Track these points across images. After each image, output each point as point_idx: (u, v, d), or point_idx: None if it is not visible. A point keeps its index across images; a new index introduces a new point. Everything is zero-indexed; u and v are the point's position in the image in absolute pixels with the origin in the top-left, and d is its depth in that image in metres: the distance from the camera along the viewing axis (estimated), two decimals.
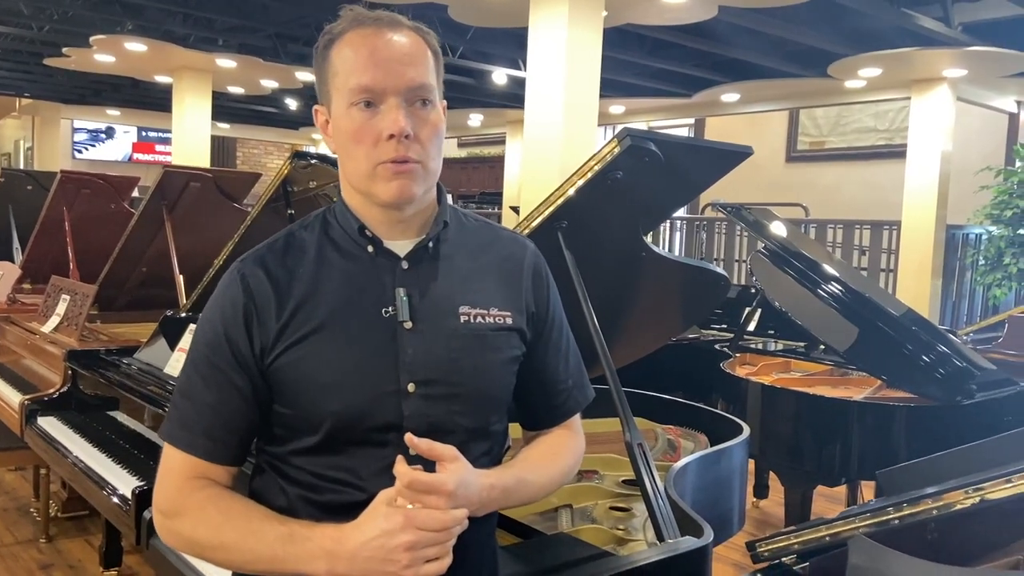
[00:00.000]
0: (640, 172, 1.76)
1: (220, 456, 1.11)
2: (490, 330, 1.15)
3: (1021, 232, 7.22)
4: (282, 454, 1.13)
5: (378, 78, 1.07)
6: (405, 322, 1.11)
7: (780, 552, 1.22)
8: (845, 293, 3.30)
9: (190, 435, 1.11)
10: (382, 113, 1.08)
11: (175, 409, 1.13)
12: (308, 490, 1.11)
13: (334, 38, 1.11)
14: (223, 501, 1.09)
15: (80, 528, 3.68)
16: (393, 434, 1.09)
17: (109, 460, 2.69)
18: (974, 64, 7.41)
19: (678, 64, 8.53)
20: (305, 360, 1.09)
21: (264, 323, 1.10)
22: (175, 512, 1.10)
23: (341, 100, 1.10)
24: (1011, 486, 1.07)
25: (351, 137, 1.10)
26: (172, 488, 1.11)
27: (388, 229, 1.15)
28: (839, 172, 11.40)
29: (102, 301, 3.85)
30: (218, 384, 1.10)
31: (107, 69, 9.83)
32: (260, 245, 1.17)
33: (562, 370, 1.27)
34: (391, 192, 1.09)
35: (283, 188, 2.89)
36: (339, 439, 1.09)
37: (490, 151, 15.69)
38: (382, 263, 1.14)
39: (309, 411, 1.09)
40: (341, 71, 1.09)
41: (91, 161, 15.59)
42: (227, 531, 1.06)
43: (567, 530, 1.72)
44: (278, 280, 1.11)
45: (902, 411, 2.91)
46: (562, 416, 1.28)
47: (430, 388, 1.10)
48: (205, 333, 1.13)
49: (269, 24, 8.07)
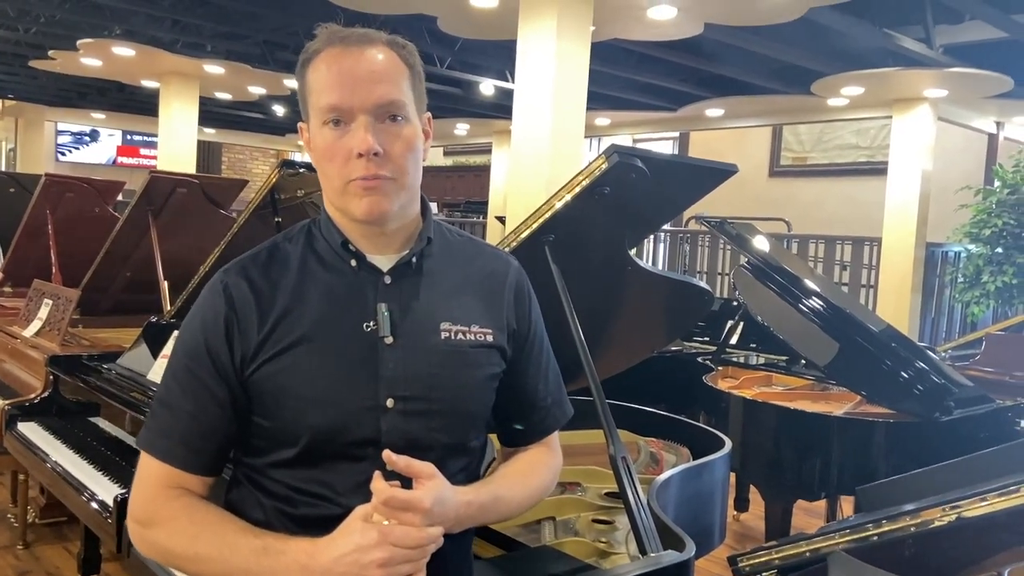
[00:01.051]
0: (627, 188, 1.78)
1: (196, 466, 1.11)
2: (471, 347, 1.16)
3: (999, 251, 7.31)
4: (259, 466, 1.13)
5: (345, 96, 1.08)
6: (386, 337, 1.11)
7: (761, 567, 1.24)
8: (826, 308, 3.33)
9: (167, 443, 1.11)
10: (351, 131, 1.09)
11: (153, 417, 1.13)
12: (284, 503, 1.11)
13: (310, 57, 1.13)
14: (198, 512, 1.09)
15: (58, 535, 3.65)
16: (371, 449, 1.09)
17: (90, 466, 2.67)
18: (955, 85, 7.52)
19: (664, 79, 8.60)
20: (285, 372, 1.09)
21: (245, 334, 1.10)
22: (149, 521, 1.10)
23: (316, 119, 1.12)
24: (987, 504, 1.09)
25: (323, 155, 1.11)
26: (147, 497, 1.11)
27: (371, 244, 1.15)
28: (821, 188, 11.52)
29: (85, 306, 3.82)
30: (196, 394, 1.11)
31: (93, 73, 9.77)
32: (244, 255, 1.17)
33: (541, 388, 1.27)
34: (363, 209, 1.10)
35: (271, 196, 2.89)
36: (317, 453, 1.09)
37: (476, 160, 15.72)
38: (365, 277, 1.14)
39: (287, 424, 1.09)
40: (314, 90, 1.11)
41: (74, 164, 15.49)
42: (201, 542, 1.06)
43: (550, 542, 1.73)
44: (260, 291, 1.12)
45: (881, 427, 2.94)
46: (541, 433, 1.29)
47: (409, 404, 1.11)
48: (185, 342, 1.13)
49: (257, 31, 8.06)
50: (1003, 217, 7.22)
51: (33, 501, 3.65)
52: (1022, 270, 7.10)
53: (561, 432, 2.15)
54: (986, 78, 7.17)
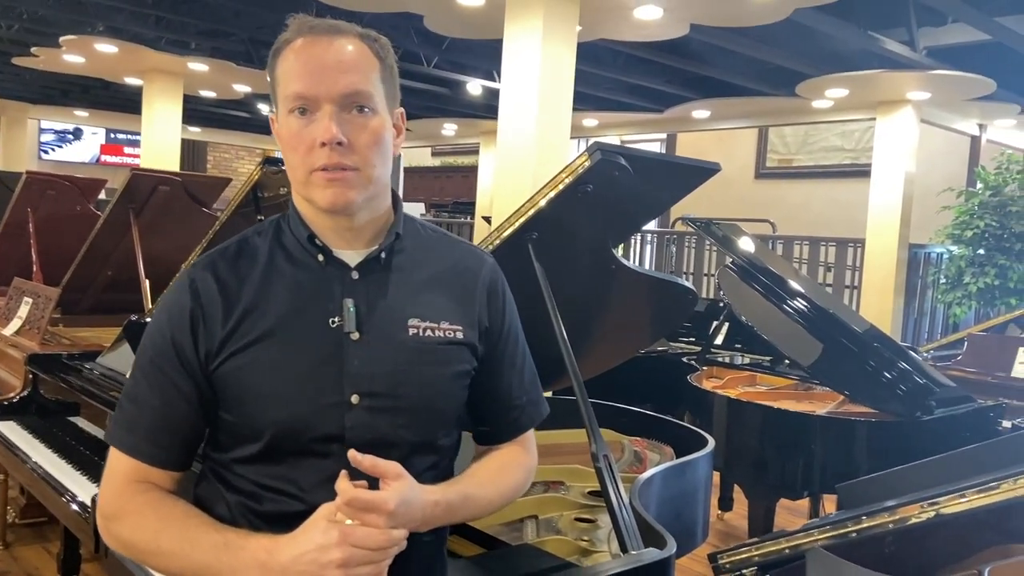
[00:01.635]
0: (610, 186, 1.78)
1: (163, 460, 1.11)
2: (439, 344, 1.15)
3: (981, 252, 7.37)
4: (225, 461, 1.13)
5: (311, 85, 1.08)
6: (352, 333, 1.10)
7: (741, 564, 1.24)
8: (810, 309, 3.35)
9: (134, 438, 1.10)
10: (316, 120, 1.08)
11: (121, 412, 1.13)
12: (249, 499, 1.11)
13: (280, 47, 1.12)
14: (163, 506, 1.08)
15: (38, 535, 3.61)
16: (335, 445, 1.08)
17: (69, 466, 2.65)
18: (938, 87, 7.58)
19: (650, 80, 8.62)
20: (249, 367, 1.08)
21: (210, 328, 1.09)
22: (115, 515, 1.10)
23: (282, 107, 1.11)
24: (965, 501, 1.09)
25: (287, 144, 1.11)
26: (114, 491, 1.11)
27: (339, 238, 1.15)
28: (806, 189, 11.58)
29: (65, 304, 3.79)
30: (163, 388, 1.10)
31: (76, 70, 9.69)
32: (213, 250, 1.17)
33: (516, 386, 1.26)
34: (326, 199, 1.09)
35: (253, 194, 2.88)
36: (281, 449, 1.09)
37: (464, 160, 15.71)
38: (332, 272, 1.14)
39: (251, 419, 1.09)
40: (281, 79, 1.11)
41: (58, 162, 15.35)
42: (164, 537, 1.05)
43: (532, 541, 1.73)
44: (227, 285, 1.11)
45: (863, 426, 2.96)
46: (515, 432, 1.28)
47: (374, 400, 1.10)
48: (152, 337, 1.13)
49: (242, 29, 8.02)
50: (985, 219, 7.28)
51: (13, 501, 3.61)
52: (1004, 271, 7.16)
53: (545, 431, 2.14)
54: (969, 80, 7.22)
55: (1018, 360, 3.89)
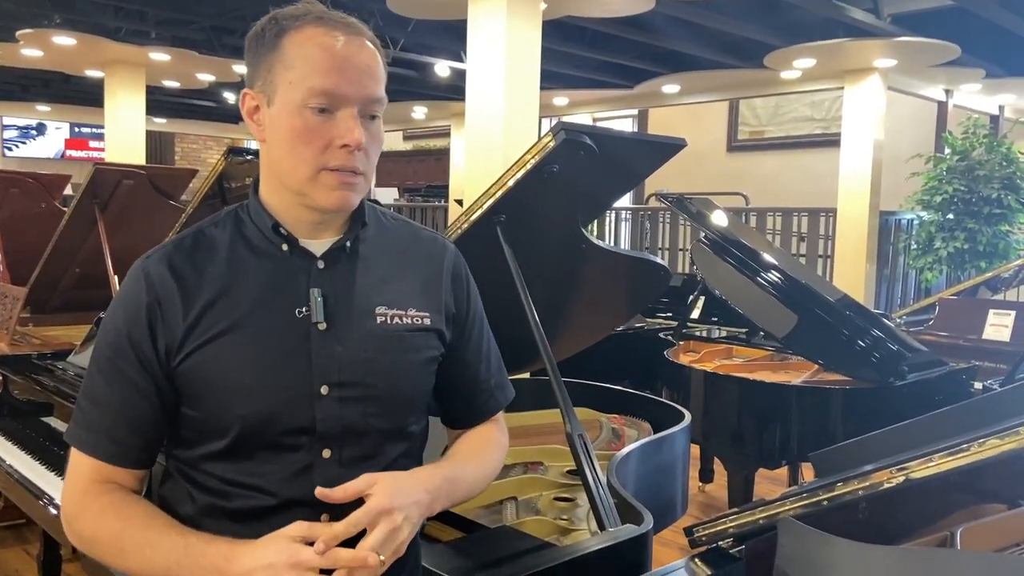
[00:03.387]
0: (576, 165, 1.77)
1: (124, 459, 1.09)
2: (407, 331, 1.14)
3: (951, 217, 7.45)
4: (190, 459, 1.11)
5: (342, 85, 1.05)
6: (319, 323, 1.09)
7: (717, 536, 1.25)
8: (783, 281, 3.37)
9: (94, 437, 1.09)
10: (337, 120, 1.06)
11: (79, 411, 1.11)
12: (218, 497, 1.09)
13: (289, 27, 1.07)
14: (125, 507, 1.07)
15: (17, 537, 3.58)
16: (305, 438, 1.07)
17: (44, 468, 2.61)
18: (903, 54, 7.62)
19: (618, 56, 8.60)
20: (214, 361, 1.06)
21: (169, 323, 1.07)
22: (77, 515, 1.08)
23: (292, 96, 1.06)
24: (933, 465, 1.10)
25: (299, 137, 1.06)
26: (77, 491, 1.09)
27: (305, 228, 1.13)
28: (778, 161, 11.64)
29: (34, 303, 3.73)
30: (121, 386, 1.08)
31: (35, 64, 9.51)
32: (166, 242, 1.14)
33: (483, 370, 1.27)
34: (332, 201, 1.08)
35: (219, 184, 2.84)
36: (248, 443, 1.07)
37: (435, 144, 15.61)
38: (297, 262, 1.12)
39: (217, 414, 1.07)
40: (299, 67, 1.06)
41: (22, 159, 15.08)
42: (125, 538, 1.04)
43: (511, 522, 1.73)
44: (185, 278, 1.08)
45: (838, 394, 2.99)
46: (484, 415, 1.29)
47: (344, 390, 1.09)
48: (107, 333, 1.11)
49: (203, 16, 7.89)
50: (954, 184, 7.35)
51: None
52: (973, 235, 7.24)
53: (523, 412, 2.15)
54: (934, 46, 7.27)
55: (989, 322, 3.95)
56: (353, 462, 1.09)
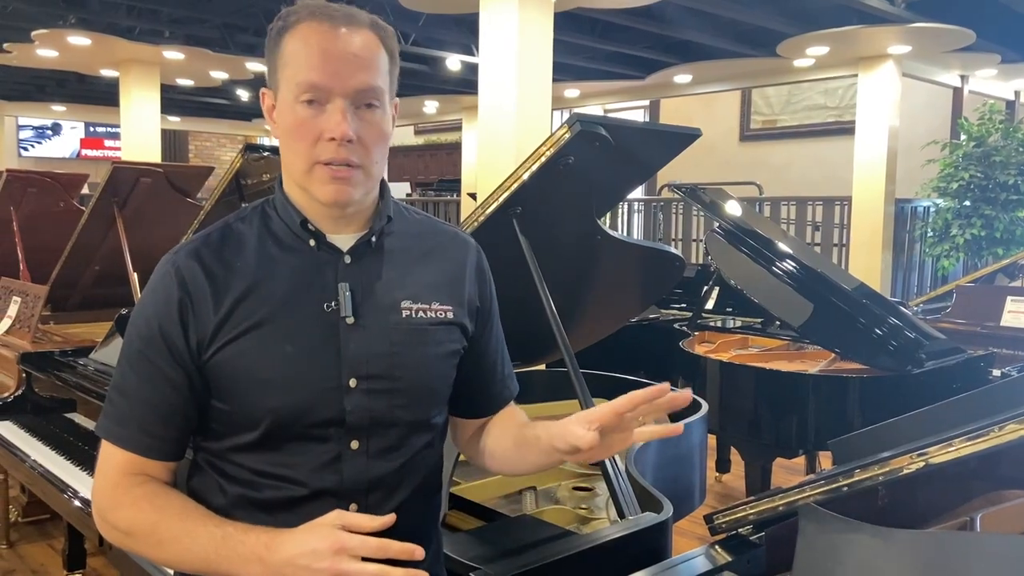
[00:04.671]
0: (591, 157, 1.78)
1: (157, 451, 1.10)
2: (431, 324, 1.16)
3: (967, 204, 7.39)
4: (220, 450, 1.12)
5: (325, 78, 1.06)
6: (347, 317, 1.11)
7: (736, 523, 1.26)
8: (798, 269, 3.36)
9: (126, 431, 1.10)
10: (327, 113, 1.07)
11: (110, 405, 1.12)
12: (247, 488, 1.10)
13: (288, 25, 1.09)
14: (159, 498, 1.08)
15: (42, 532, 3.63)
16: (333, 429, 1.09)
17: (68, 463, 2.66)
18: (918, 40, 7.55)
19: (630, 47, 8.56)
20: (244, 355, 1.08)
21: (200, 317, 1.08)
22: (112, 508, 1.09)
23: (287, 92, 1.08)
24: (954, 449, 1.11)
25: (291, 132, 1.09)
26: (109, 484, 1.10)
27: (331, 223, 1.14)
28: (791, 150, 11.57)
29: (55, 301, 3.78)
30: (153, 379, 1.09)
31: (50, 64, 9.57)
32: (194, 237, 1.15)
33: (499, 361, 1.30)
34: (327, 194, 1.09)
35: (236, 181, 2.87)
36: (279, 435, 1.08)
37: (447, 138, 15.62)
38: (324, 257, 1.13)
39: (248, 407, 1.08)
40: (291, 63, 1.08)
41: (38, 159, 15.19)
42: (162, 529, 1.05)
43: (531, 512, 1.75)
44: (214, 274, 1.10)
45: (856, 383, 2.99)
46: (501, 404, 1.31)
47: (371, 383, 1.11)
48: (139, 328, 1.11)
49: (216, 14, 7.92)
50: (970, 170, 7.29)
51: (15, 500, 3.62)
52: (990, 222, 7.18)
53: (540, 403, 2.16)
54: (949, 32, 7.20)
55: (1007, 309, 3.92)
56: (380, 453, 1.12)
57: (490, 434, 1.29)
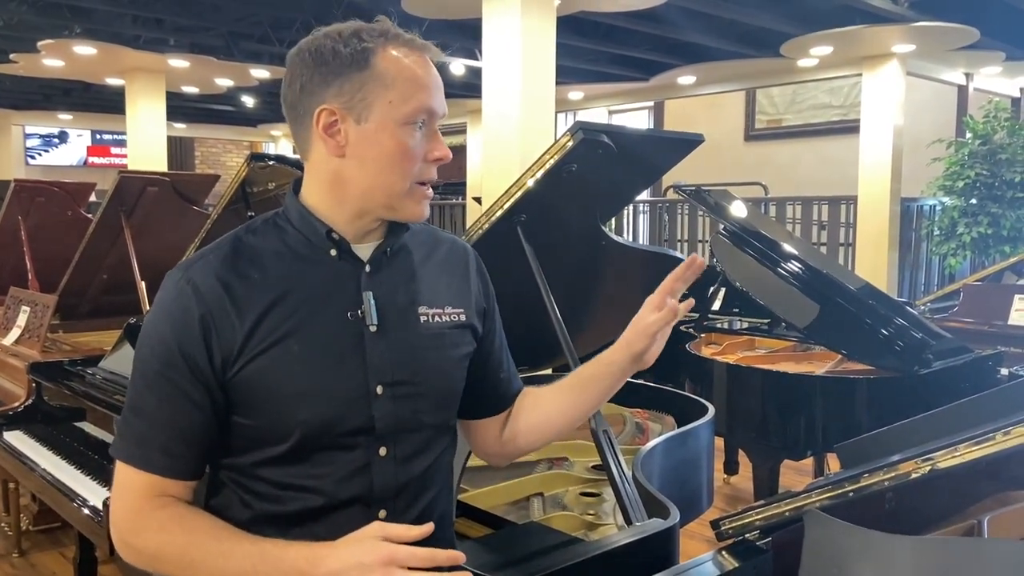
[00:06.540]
0: (594, 163, 1.78)
1: (179, 471, 1.08)
2: (447, 328, 1.19)
3: (973, 202, 7.36)
4: (242, 466, 1.11)
5: (438, 104, 1.13)
6: (372, 325, 1.12)
7: (743, 529, 1.26)
8: (804, 271, 3.36)
9: (146, 452, 1.07)
10: (430, 137, 1.13)
11: (127, 426, 1.10)
12: (271, 502, 1.10)
13: (374, 48, 1.08)
14: (187, 520, 1.06)
15: (53, 541, 3.64)
16: (363, 437, 1.10)
17: (78, 472, 2.67)
18: (922, 39, 7.54)
19: (633, 49, 8.56)
20: (272, 369, 1.07)
21: (224, 334, 1.06)
22: (135, 532, 1.07)
23: (391, 114, 1.08)
24: (959, 455, 1.11)
25: (402, 154, 1.10)
26: (131, 507, 1.08)
27: (357, 235, 1.15)
28: (796, 149, 11.54)
29: (64, 310, 3.79)
30: (173, 399, 1.07)
31: (57, 73, 9.62)
32: (203, 251, 1.14)
33: (505, 359, 1.33)
34: (420, 212, 1.14)
35: (242, 190, 2.88)
36: (308, 447, 1.08)
37: (452, 141, 15.62)
38: (345, 267, 1.14)
39: (276, 421, 1.07)
40: (399, 87, 1.08)
41: (45, 167, 15.24)
42: (194, 551, 1.03)
43: (539, 518, 1.75)
44: (233, 288, 1.08)
45: (863, 384, 2.98)
46: (509, 401, 1.33)
47: (396, 389, 1.12)
48: (154, 346, 1.08)
49: (220, 22, 7.95)
50: (976, 168, 7.26)
51: (25, 509, 3.64)
52: (996, 220, 7.16)
53: None
54: (953, 30, 7.18)
55: (1014, 308, 3.91)
56: (407, 458, 1.13)
57: (520, 415, 1.32)
